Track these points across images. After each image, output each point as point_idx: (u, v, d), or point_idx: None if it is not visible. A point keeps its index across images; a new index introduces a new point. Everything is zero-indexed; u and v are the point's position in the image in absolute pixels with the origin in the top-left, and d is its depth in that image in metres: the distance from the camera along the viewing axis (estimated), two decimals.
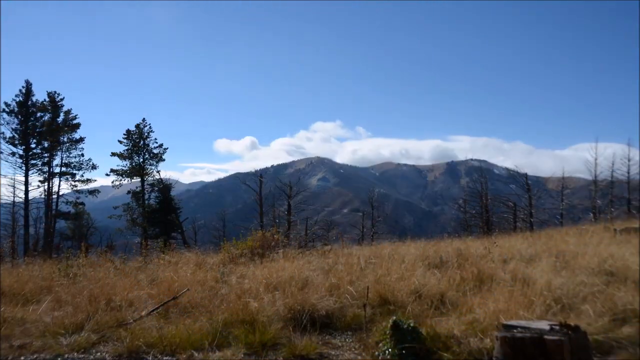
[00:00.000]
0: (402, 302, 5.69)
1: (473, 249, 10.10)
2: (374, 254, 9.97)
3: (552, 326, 3.62)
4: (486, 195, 33.60)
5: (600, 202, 31.33)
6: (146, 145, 36.73)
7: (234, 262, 10.22)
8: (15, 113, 33.74)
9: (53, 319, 5.60)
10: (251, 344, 4.67)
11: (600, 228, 15.17)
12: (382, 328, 4.54)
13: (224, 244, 12.37)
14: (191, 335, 4.85)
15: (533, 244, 10.90)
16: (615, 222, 18.48)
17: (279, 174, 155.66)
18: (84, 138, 36.77)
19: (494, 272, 6.89)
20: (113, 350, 4.73)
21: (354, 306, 5.74)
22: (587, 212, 32.72)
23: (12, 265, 10.92)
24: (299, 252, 9.97)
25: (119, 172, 36.25)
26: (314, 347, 4.61)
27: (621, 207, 30.62)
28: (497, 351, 3.65)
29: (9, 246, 20.68)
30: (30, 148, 34.15)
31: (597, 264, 7.12)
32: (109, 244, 25.29)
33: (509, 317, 4.56)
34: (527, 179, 32.70)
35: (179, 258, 10.23)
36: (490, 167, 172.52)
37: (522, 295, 5.28)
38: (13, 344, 4.95)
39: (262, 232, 12.65)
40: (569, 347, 3.37)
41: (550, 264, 7.25)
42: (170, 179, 36.43)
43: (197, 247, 14.77)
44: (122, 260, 10.26)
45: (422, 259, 8.57)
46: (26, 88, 34.32)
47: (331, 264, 8.45)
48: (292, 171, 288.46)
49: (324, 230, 34.68)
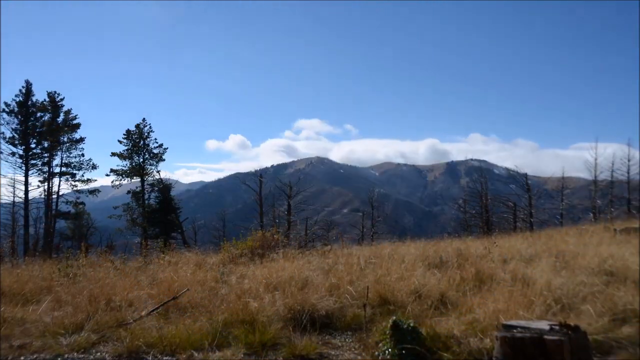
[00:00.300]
0: (402, 302, 5.69)
1: (473, 249, 10.10)
2: (374, 254, 9.97)
3: (552, 326, 3.61)
4: (486, 195, 33.61)
5: (600, 202, 31.33)
6: (146, 145, 36.75)
7: (234, 262, 10.22)
8: (15, 113, 33.74)
9: (53, 319, 5.60)
10: (251, 344, 4.67)
11: (600, 228, 15.17)
12: (382, 328, 4.54)
13: (224, 244, 12.38)
14: (191, 335, 4.85)
15: (533, 244, 10.90)
16: (615, 222, 18.48)
17: (278, 174, 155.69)
18: (84, 138, 36.85)
19: (493, 272, 6.89)
20: (113, 350, 4.73)
21: (354, 306, 5.74)
22: (587, 212, 32.73)
23: (12, 265, 10.91)
24: (299, 252, 9.97)
25: (119, 172, 36.26)
26: (314, 347, 4.61)
27: (621, 207, 30.63)
28: (497, 351, 3.65)
29: (9, 246, 20.68)
30: (30, 148, 34.14)
31: (597, 264, 7.12)
32: (109, 244, 25.28)
33: (508, 317, 4.56)
34: (527, 179, 32.70)
35: (179, 258, 10.23)
36: (490, 167, 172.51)
37: (522, 295, 5.28)
38: (13, 344, 4.95)
39: (262, 232, 12.66)
40: (569, 347, 3.37)
41: (550, 264, 7.25)
42: (170, 179, 36.49)
43: (197, 247, 14.77)
44: (122, 260, 10.25)
45: (422, 259, 8.57)
46: (26, 88, 34.33)
47: (331, 264, 8.45)
48: (292, 171, 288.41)
49: (323, 230, 34.67)
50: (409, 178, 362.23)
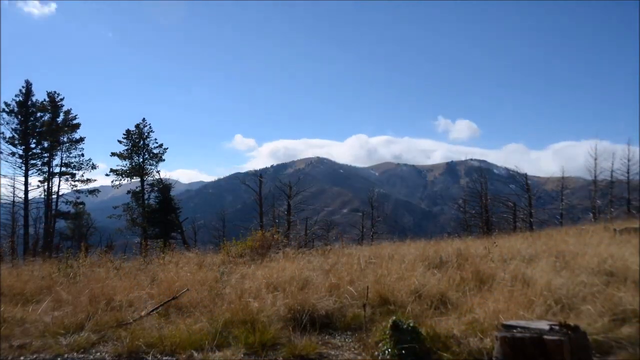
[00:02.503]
0: (402, 302, 5.69)
1: (473, 249, 10.09)
2: (373, 254, 9.97)
3: (551, 326, 3.62)
4: (486, 195, 33.62)
5: (600, 202, 31.34)
6: (146, 145, 36.76)
7: (234, 262, 10.22)
8: (15, 113, 33.75)
9: (53, 319, 5.60)
10: (251, 344, 4.67)
11: (600, 228, 15.18)
12: (382, 328, 4.54)
13: (223, 244, 12.38)
14: (191, 335, 4.85)
15: (533, 244, 10.90)
16: (615, 222, 18.48)
17: (278, 174, 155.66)
18: (83, 138, 36.87)
19: (493, 272, 6.89)
20: (113, 350, 4.73)
21: (353, 306, 5.73)
22: (587, 212, 32.75)
23: (12, 265, 10.92)
24: (299, 252, 9.97)
25: (118, 172, 36.27)
26: (314, 347, 4.61)
27: (621, 207, 30.64)
28: (497, 351, 3.65)
29: (9, 246, 20.68)
30: (30, 148, 34.15)
31: (597, 264, 7.11)
32: (108, 244, 25.28)
33: (508, 317, 4.57)
34: (527, 179, 32.71)
35: (179, 258, 10.23)
36: (490, 167, 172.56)
37: (522, 295, 5.28)
38: (13, 344, 4.95)
39: (262, 232, 12.66)
40: (569, 347, 3.37)
41: (550, 264, 7.25)
42: (170, 179, 36.47)
43: (197, 247, 14.77)
44: (122, 260, 10.26)
45: (422, 259, 8.57)
46: (26, 88, 34.34)
47: (331, 264, 8.45)
48: (292, 171, 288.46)
49: (323, 230, 34.66)
50: (409, 178, 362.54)
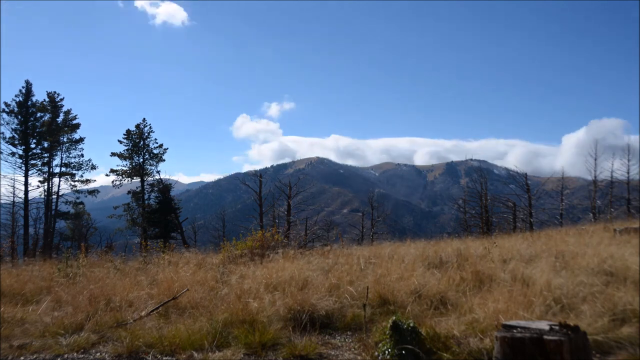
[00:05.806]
0: (402, 302, 5.69)
1: (473, 249, 10.08)
2: (373, 254, 9.98)
3: (551, 326, 3.62)
4: (486, 195, 33.60)
5: (600, 202, 31.33)
6: (146, 145, 36.75)
7: (233, 262, 10.21)
8: (15, 113, 33.74)
9: (53, 319, 5.61)
10: (251, 344, 4.67)
11: (600, 228, 15.16)
12: (382, 328, 4.54)
13: (223, 244, 12.37)
14: (191, 335, 4.85)
15: (533, 244, 10.89)
16: (615, 222, 18.47)
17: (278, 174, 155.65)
18: (83, 138, 36.88)
19: (493, 272, 6.89)
20: (113, 350, 4.73)
21: (353, 306, 5.74)
22: (587, 212, 32.72)
23: (12, 265, 10.92)
24: (298, 252, 9.97)
25: (119, 172, 36.26)
26: (314, 347, 4.61)
27: (621, 207, 30.63)
28: (497, 351, 3.65)
29: (9, 246, 20.68)
30: (30, 148, 34.13)
31: (596, 264, 7.11)
32: (108, 244, 25.29)
33: (508, 317, 4.57)
34: (526, 179, 32.70)
35: (179, 258, 10.23)
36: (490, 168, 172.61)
37: (521, 295, 5.28)
38: (13, 344, 4.96)
39: (262, 232, 12.65)
40: (569, 347, 3.37)
41: (550, 264, 7.24)
42: (169, 179, 36.47)
43: (196, 247, 14.77)
44: (122, 260, 10.25)
45: (421, 259, 8.57)
46: (26, 88, 34.34)
47: (331, 264, 8.45)
48: (292, 171, 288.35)
49: (323, 230, 34.63)
50: (409, 178, 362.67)
